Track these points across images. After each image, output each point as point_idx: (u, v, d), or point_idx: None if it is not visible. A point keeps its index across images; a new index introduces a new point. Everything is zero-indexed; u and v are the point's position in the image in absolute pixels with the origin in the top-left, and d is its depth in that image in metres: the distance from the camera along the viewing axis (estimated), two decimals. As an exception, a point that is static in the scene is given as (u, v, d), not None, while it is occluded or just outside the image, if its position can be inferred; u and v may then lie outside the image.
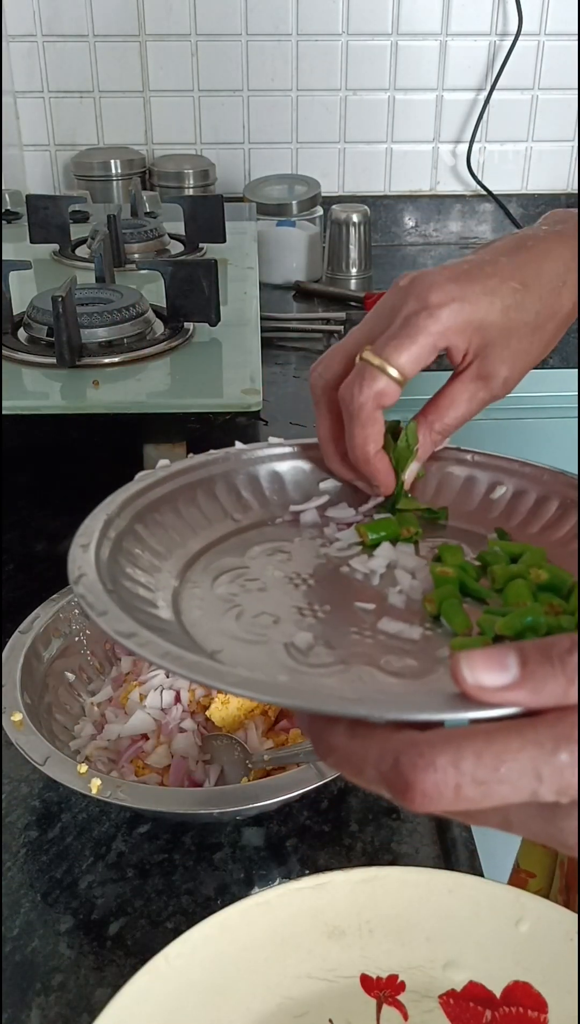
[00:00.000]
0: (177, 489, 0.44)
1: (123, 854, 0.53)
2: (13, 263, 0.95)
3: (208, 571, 0.41)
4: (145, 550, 0.41)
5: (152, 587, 0.38)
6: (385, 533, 0.44)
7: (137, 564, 0.39)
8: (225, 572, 0.41)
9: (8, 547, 0.81)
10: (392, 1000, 0.43)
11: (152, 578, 0.39)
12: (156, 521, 0.42)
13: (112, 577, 0.36)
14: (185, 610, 0.38)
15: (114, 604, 0.33)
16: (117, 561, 0.38)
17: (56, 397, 0.81)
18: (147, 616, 0.35)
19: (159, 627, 0.35)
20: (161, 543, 0.42)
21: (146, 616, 0.35)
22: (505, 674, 0.27)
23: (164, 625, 0.36)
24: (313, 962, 0.43)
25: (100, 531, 0.38)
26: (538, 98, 1.75)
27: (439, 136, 1.78)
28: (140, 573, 0.39)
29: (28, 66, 1.67)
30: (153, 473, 0.44)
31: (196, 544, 0.43)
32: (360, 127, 1.76)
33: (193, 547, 0.43)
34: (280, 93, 1.72)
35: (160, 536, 0.42)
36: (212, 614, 0.38)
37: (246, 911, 0.43)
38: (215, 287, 0.89)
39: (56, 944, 0.48)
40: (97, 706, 0.60)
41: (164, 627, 0.35)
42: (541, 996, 0.42)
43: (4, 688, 0.54)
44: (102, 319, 0.87)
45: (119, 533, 0.40)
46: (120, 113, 1.72)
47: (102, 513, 0.40)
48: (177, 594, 0.39)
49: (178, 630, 0.36)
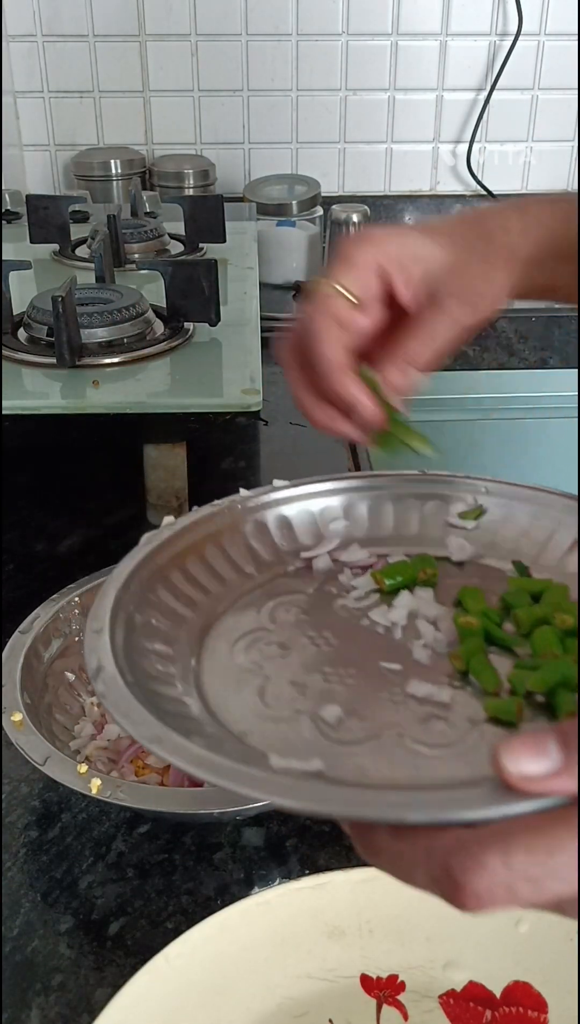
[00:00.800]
0: (185, 548, 0.43)
1: (123, 854, 0.53)
2: (13, 263, 0.95)
3: (226, 636, 0.40)
4: (161, 621, 0.39)
5: (172, 661, 0.37)
6: (402, 578, 0.43)
7: (154, 637, 0.38)
8: (243, 636, 0.40)
9: (8, 547, 0.81)
10: (392, 1000, 0.43)
11: (170, 649, 0.38)
12: (168, 587, 0.41)
13: (130, 662, 0.35)
14: (208, 688, 0.37)
15: (136, 700, 0.32)
16: (133, 642, 0.37)
17: (56, 397, 0.81)
18: (170, 703, 0.34)
19: (183, 714, 0.34)
20: (176, 610, 0.40)
21: (169, 704, 0.34)
22: (547, 761, 0.26)
23: (187, 711, 0.35)
24: (313, 962, 0.43)
25: (112, 611, 0.37)
26: (538, 98, 1.75)
27: (439, 136, 1.78)
28: (159, 646, 0.38)
29: (28, 66, 1.66)
30: (159, 534, 0.43)
31: (211, 606, 0.42)
32: (360, 127, 1.76)
33: (208, 609, 0.42)
34: (280, 93, 1.71)
35: (174, 603, 0.41)
36: (236, 689, 0.37)
37: (246, 911, 0.43)
38: (215, 287, 0.89)
39: (56, 944, 0.48)
40: (97, 706, 0.60)
41: (187, 712, 0.34)
42: (541, 996, 0.42)
43: (4, 688, 0.54)
44: (102, 319, 0.87)
45: (131, 609, 0.38)
46: (120, 113, 1.72)
47: (112, 590, 0.38)
48: (198, 668, 0.38)
49: (203, 714, 0.35)
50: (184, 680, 0.37)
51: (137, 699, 0.32)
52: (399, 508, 0.48)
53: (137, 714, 0.31)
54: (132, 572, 0.39)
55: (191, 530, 0.44)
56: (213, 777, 0.29)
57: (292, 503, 0.48)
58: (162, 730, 0.30)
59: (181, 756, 0.30)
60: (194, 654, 0.39)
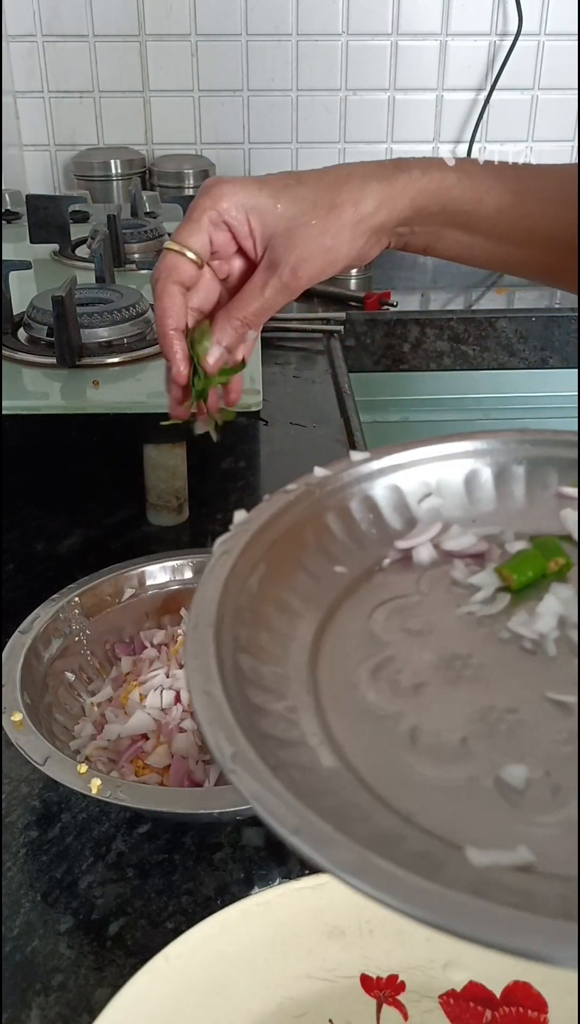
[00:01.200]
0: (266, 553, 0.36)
1: (123, 854, 0.53)
2: (13, 263, 0.95)
3: (340, 665, 0.33)
4: (263, 661, 0.32)
5: (295, 720, 0.30)
6: (531, 572, 0.36)
7: (261, 684, 0.31)
8: (362, 663, 0.33)
9: (8, 547, 0.81)
10: (392, 1000, 0.43)
11: (284, 697, 0.31)
12: (258, 612, 0.34)
13: (253, 727, 0.28)
14: (344, 744, 0.29)
15: (296, 799, 0.25)
16: (246, 697, 0.29)
17: (56, 397, 0.81)
18: (327, 794, 0.27)
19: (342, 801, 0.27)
20: (276, 638, 0.33)
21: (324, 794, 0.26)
22: None
23: (340, 791, 0.27)
24: (313, 962, 0.43)
25: (216, 662, 0.29)
26: (538, 98, 1.75)
27: (439, 136, 1.78)
28: (273, 702, 0.30)
29: (28, 66, 1.66)
30: (234, 538, 0.36)
31: (310, 625, 0.35)
32: (360, 127, 1.76)
33: (309, 628, 0.35)
34: (280, 93, 1.71)
35: (272, 628, 0.34)
36: (378, 741, 0.29)
37: (246, 911, 0.43)
38: (215, 287, 0.89)
39: (56, 944, 0.48)
40: (97, 706, 0.60)
41: (339, 793, 0.27)
42: (541, 996, 0.42)
43: (4, 688, 0.54)
44: (102, 319, 0.87)
45: (232, 652, 0.31)
46: (120, 113, 1.72)
47: (207, 631, 0.31)
48: (323, 718, 0.30)
49: (358, 791, 0.27)
50: (317, 736, 0.30)
51: (293, 793, 0.25)
52: (499, 478, 0.42)
53: (314, 827, 0.24)
54: (220, 602, 0.32)
55: (268, 528, 0.37)
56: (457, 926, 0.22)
57: (374, 480, 0.41)
58: (360, 853, 0.24)
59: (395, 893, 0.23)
60: (314, 702, 0.31)
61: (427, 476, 0.41)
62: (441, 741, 0.29)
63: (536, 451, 0.42)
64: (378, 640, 0.34)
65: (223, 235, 0.53)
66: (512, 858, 0.24)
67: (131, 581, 0.66)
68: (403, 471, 0.41)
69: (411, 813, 0.26)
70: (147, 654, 0.63)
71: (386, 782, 0.28)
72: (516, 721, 0.30)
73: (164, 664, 0.62)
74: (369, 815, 0.26)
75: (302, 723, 0.30)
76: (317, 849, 0.24)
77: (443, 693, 0.31)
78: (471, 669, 0.32)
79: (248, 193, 0.53)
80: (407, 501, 0.41)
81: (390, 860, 0.23)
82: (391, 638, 0.34)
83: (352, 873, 0.23)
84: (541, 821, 0.26)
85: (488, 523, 0.40)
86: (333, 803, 0.26)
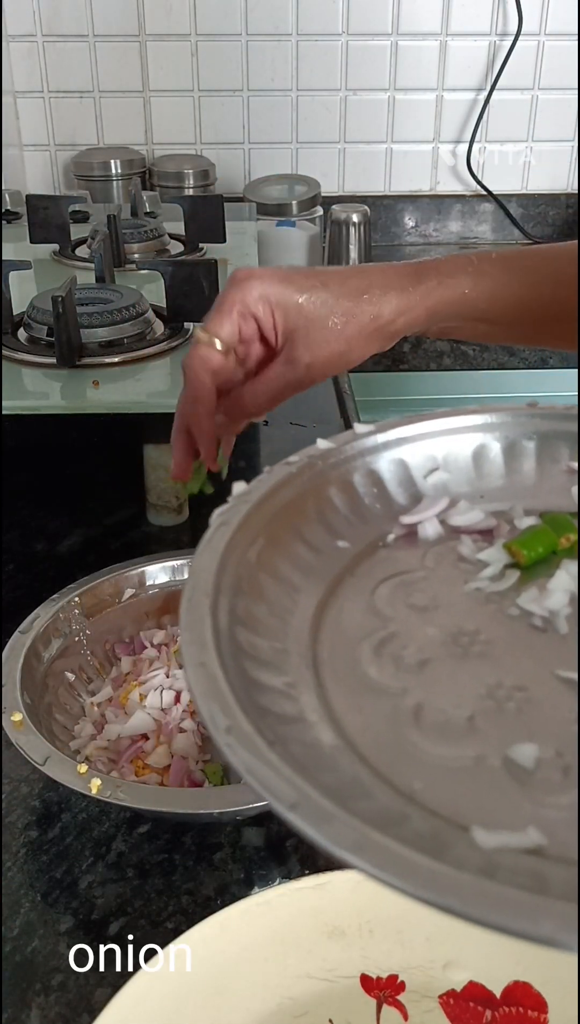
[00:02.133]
0: (266, 525, 0.35)
1: (123, 854, 0.53)
2: (13, 263, 0.95)
3: (342, 640, 0.32)
4: (261, 635, 0.31)
5: (294, 695, 0.29)
6: (542, 548, 0.35)
7: (259, 658, 0.30)
8: (365, 639, 0.32)
9: (8, 547, 0.81)
10: (392, 1000, 0.43)
11: (283, 672, 0.30)
12: (257, 585, 0.33)
13: (251, 701, 0.27)
14: (345, 720, 0.28)
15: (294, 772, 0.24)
16: (243, 670, 0.28)
17: (56, 397, 0.81)
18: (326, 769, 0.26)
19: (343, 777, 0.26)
20: (275, 612, 0.32)
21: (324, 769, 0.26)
22: None
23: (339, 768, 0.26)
24: (313, 962, 0.43)
25: (212, 634, 0.28)
26: (538, 98, 1.75)
27: (439, 136, 1.78)
28: (273, 678, 0.29)
29: (28, 66, 1.67)
30: (232, 509, 0.34)
31: (310, 599, 0.34)
32: (360, 127, 1.76)
33: (310, 603, 0.33)
34: (280, 93, 1.71)
35: (270, 601, 0.33)
36: (381, 718, 0.28)
37: (246, 911, 0.43)
38: (215, 287, 0.89)
39: (56, 944, 0.48)
40: (97, 706, 0.60)
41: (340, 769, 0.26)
42: (541, 996, 0.42)
43: (4, 688, 0.54)
44: (102, 319, 0.87)
45: (229, 625, 0.30)
46: (120, 113, 1.72)
47: (203, 601, 0.30)
48: (324, 694, 0.29)
49: (361, 768, 0.26)
50: (316, 711, 0.29)
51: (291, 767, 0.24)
52: (508, 452, 0.40)
53: (314, 802, 0.23)
54: (217, 571, 0.31)
55: (268, 499, 0.36)
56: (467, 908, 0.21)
57: (379, 453, 0.40)
58: (364, 831, 0.22)
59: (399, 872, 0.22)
60: (314, 678, 0.30)
61: (434, 450, 0.40)
62: (447, 719, 0.28)
63: (547, 425, 0.40)
64: (382, 615, 0.33)
65: (250, 325, 0.57)
66: (521, 840, 0.23)
67: (131, 581, 0.66)
68: (409, 444, 0.40)
69: (415, 792, 0.25)
70: (147, 654, 0.63)
71: (389, 760, 0.27)
72: (525, 699, 0.29)
73: (164, 664, 0.62)
74: (371, 793, 0.25)
75: (301, 699, 0.29)
76: (315, 825, 0.22)
77: (449, 670, 0.30)
78: (479, 646, 0.31)
79: (274, 288, 0.56)
80: (413, 475, 0.40)
81: (393, 839, 0.22)
82: (395, 614, 0.33)
83: (352, 851, 0.22)
84: (551, 802, 0.25)
85: (497, 499, 0.39)
86: (333, 780, 0.25)
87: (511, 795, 0.25)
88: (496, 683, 0.29)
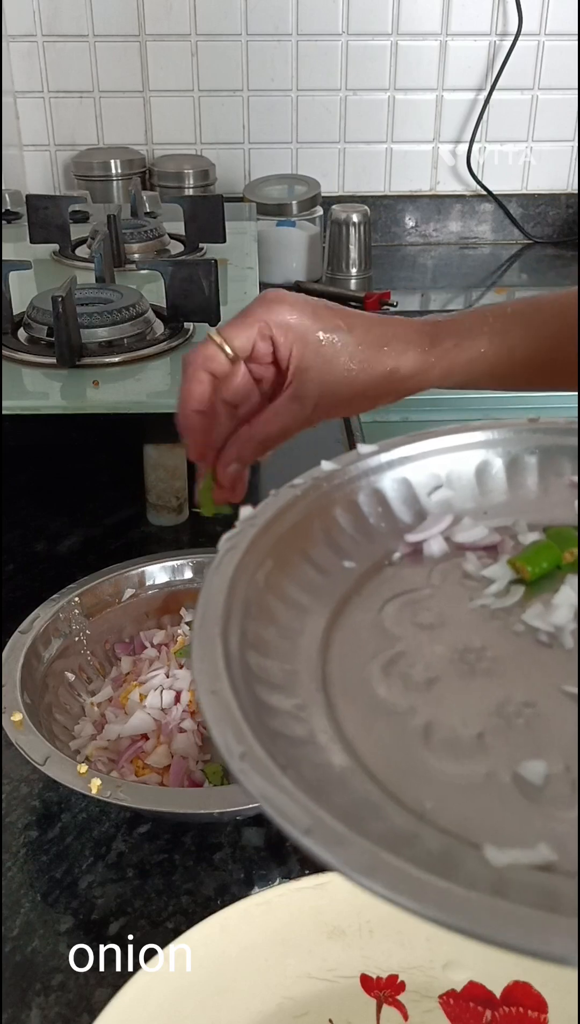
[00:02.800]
0: (273, 548, 0.35)
1: (123, 854, 0.53)
2: (13, 263, 0.95)
3: (351, 660, 0.32)
4: (272, 657, 0.31)
5: (304, 717, 0.29)
6: (546, 564, 0.35)
7: (271, 681, 0.30)
8: (373, 658, 0.32)
9: (8, 547, 0.81)
10: (392, 1000, 0.43)
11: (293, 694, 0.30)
12: (266, 608, 0.33)
13: (263, 725, 0.27)
14: (356, 740, 0.28)
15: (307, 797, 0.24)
16: (254, 695, 0.28)
17: (56, 397, 0.81)
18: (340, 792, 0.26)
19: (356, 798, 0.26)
20: (284, 634, 0.33)
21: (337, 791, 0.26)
22: None
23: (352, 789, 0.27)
24: (313, 962, 0.43)
25: (223, 660, 0.29)
26: (538, 98, 1.75)
27: (439, 136, 1.78)
28: (284, 701, 0.29)
29: (28, 66, 1.67)
30: (240, 534, 0.35)
31: (319, 620, 0.34)
32: (360, 127, 1.76)
33: (318, 624, 0.34)
34: (280, 93, 1.72)
35: (280, 623, 0.33)
36: (391, 737, 0.29)
37: (246, 911, 0.43)
38: (215, 287, 0.89)
39: (56, 944, 0.48)
40: (97, 706, 0.60)
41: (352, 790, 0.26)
42: (541, 996, 0.42)
43: (4, 688, 0.54)
44: (102, 319, 0.87)
45: (240, 649, 0.30)
46: (120, 113, 1.72)
47: (214, 628, 0.30)
48: (334, 715, 0.30)
49: (372, 789, 0.27)
50: (326, 732, 0.29)
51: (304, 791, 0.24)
52: (510, 468, 0.41)
53: (327, 826, 0.24)
54: (226, 597, 0.32)
55: (276, 523, 0.36)
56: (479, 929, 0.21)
57: (383, 473, 0.40)
58: (375, 853, 0.23)
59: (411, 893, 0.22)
60: (324, 699, 0.30)
61: (437, 468, 0.41)
62: (456, 736, 0.28)
63: (548, 440, 0.41)
64: (389, 634, 0.33)
65: (265, 345, 0.56)
66: (532, 856, 0.23)
67: (131, 581, 0.66)
68: (412, 463, 0.40)
69: (426, 811, 0.26)
70: (147, 654, 0.63)
71: (400, 779, 0.27)
72: (533, 715, 0.29)
73: (164, 664, 0.62)
74: (383, 813, 0.25)
75: (312, 720, 0.29)
76: (330, 850, 0.23)
77: (457, 687, 0.30)
78: (486, 662, 0.31)
79: (300, 319, 0.56)
80: (417, 494, 0.40)
81: (405, 860, 0.22)
82: (402, 632, 0.33)
83: (366, 874, 0.22)
84: (562, 817, 0.25)
85: (500, 514, 0.39)
86: (345, 802, 0.25)
87: (521, 811, 0.25)
88: (504, 699, 0.29)
